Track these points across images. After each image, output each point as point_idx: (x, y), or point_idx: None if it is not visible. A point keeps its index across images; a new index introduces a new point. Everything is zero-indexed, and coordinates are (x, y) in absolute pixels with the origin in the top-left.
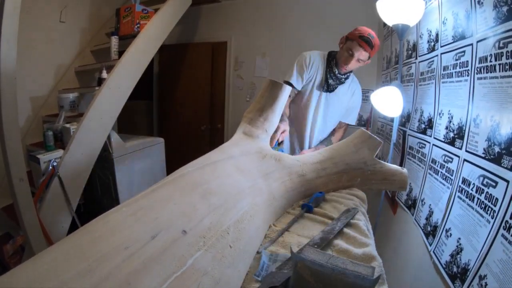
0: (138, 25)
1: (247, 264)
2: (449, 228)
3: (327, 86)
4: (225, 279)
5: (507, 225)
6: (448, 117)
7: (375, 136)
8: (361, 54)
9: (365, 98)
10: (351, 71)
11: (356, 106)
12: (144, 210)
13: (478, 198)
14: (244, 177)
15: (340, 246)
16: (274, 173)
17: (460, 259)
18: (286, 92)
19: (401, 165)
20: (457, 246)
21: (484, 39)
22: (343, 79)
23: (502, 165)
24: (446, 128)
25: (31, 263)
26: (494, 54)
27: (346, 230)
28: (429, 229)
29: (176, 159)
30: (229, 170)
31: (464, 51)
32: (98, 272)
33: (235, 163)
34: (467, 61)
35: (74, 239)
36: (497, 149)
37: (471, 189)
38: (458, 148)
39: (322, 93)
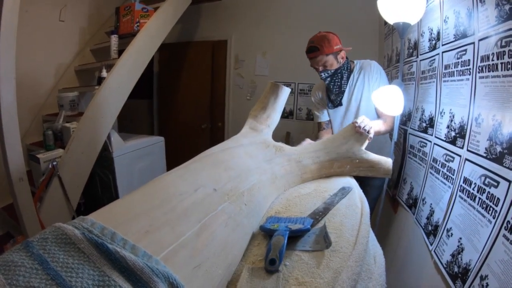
0: (138, 23)
1: (257, 220)
2: (450, 228)
3: (331, 102)
4: (242, 224)
5: (509, 226)
6: (450, 116)
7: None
8: (317, 62)
9: None
10: (333, 70)
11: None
12: (186, 174)
13: (479, 198)
14: (252, 160)
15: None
16: (276, 159)
17: (461, 259)
18: (285, 93)
19: (402, 164)
20: (458, 246)
21: (486, 37)
22: (334, 80)
23: (504, 164)
24: (448, 127)
25: (121, 200)
26: (496, 53)
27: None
28: (430, 228)
29: (176, 158)
30: (241, 154)
31: (465, 50)
32: (165, 206)
33: (244, 150)
34: (469, 60)
35: (145, 189)
36: (498, 148)
37: (473, 189)
38: (459, 147)
39: (337, 109)
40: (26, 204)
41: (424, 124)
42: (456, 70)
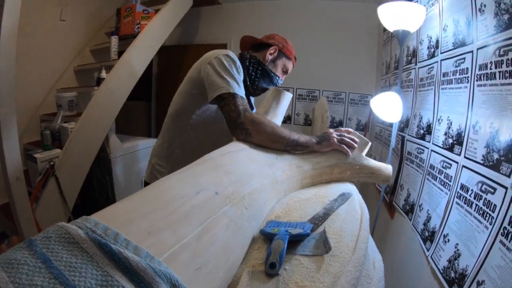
0: (139, 25)
1: (258, 224)
2: (447, 234)
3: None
4: (243, 228)
5: (505, 231)
6: (447, 123)
7: (363, 137)
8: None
9: (364, 103)
10: None
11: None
12: (187, 177)
13: (476, 204)
14: (254, 164)
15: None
16: (277, 164)
17: (458, 265)
18: (287, 98)
19: (399, 170)
20: (455, 252)
21: (485, 46)
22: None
23: (501, 171)
24: (445, 134)
25: (123, 202)
26: (494, 61)
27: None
28: (426, 234)
29: None
30: (242, 158)
31: (464, 58)
32: (166, 209)
33: (246, 154)
34: (467, 68)
35: (146, 191)
36: (496, 155)
37: (470, 195)
38: (456, 154)
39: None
40: (22, 204)
41: (421, 131)
42: (454, 78)
